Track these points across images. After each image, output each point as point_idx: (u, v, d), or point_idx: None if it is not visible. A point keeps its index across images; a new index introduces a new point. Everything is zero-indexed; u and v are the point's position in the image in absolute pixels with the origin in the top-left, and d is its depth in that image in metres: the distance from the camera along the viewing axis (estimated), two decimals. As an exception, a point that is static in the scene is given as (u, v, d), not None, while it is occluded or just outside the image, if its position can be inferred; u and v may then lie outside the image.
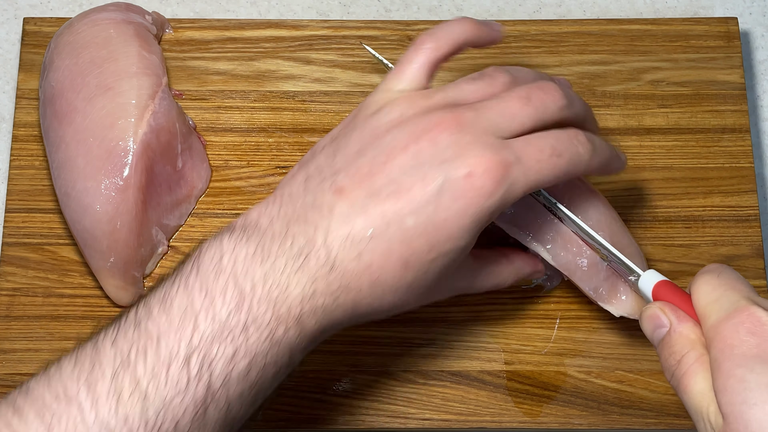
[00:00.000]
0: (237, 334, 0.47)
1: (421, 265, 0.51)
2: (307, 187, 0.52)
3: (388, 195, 0.50)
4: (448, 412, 0.65)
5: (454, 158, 0.50)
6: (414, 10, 0.77)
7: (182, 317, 0.47)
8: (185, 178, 0.68)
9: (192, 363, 0.46)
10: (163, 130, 0.65)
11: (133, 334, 0.47)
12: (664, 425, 0.64)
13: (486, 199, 0.50)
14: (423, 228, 0.50)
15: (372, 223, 0.49)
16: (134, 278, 0.66)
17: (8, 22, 0.77)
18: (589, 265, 0.60)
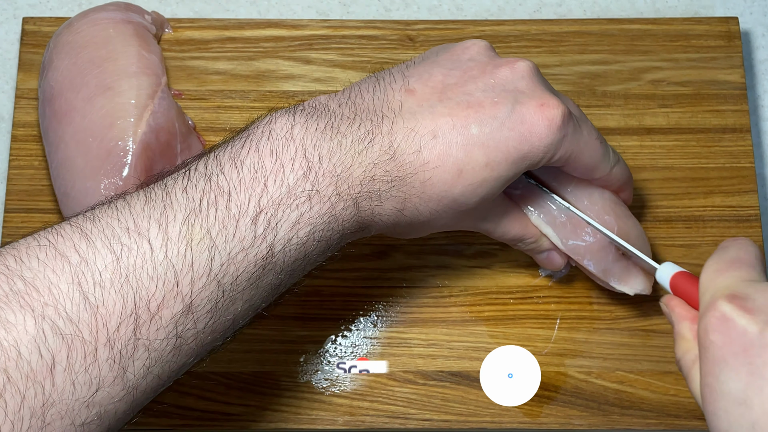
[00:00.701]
0: (302, 201, 0.48)
1: (473, 178, 0.52)
2: (378, 86, 0.53)
3: (459, 103, 0.52)
4: (448, 413, 0.64)
5: (529, 90, 0.53)
6: (414, 10, 0.77)
7: (253, 177, 0.48)
8: (185, 178, 0.68)
9: (259, 222, 0.47)
10: (162, 129, 0.65)
11: (205, 186, 0.47)
12: (665, 426, 0.64)
13: (548, 131, 0.52)
14: (485, 139, 0.51)
15: (437, 123, 0.51)
16: None
17: (7, 22, 0.77)
18: (599, 248, 0.60)
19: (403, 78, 0.54)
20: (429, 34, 0.73)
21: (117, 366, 0.43)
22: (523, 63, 0.54)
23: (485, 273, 0.67)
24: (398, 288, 0.66)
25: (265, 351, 0.65)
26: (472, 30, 0.73)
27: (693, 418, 0.64)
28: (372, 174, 0.50)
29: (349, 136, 0.50)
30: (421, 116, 0.51)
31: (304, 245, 0.49)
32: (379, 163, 0.50)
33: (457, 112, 0.52)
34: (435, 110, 0.52)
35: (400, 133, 0.51)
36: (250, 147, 0.49)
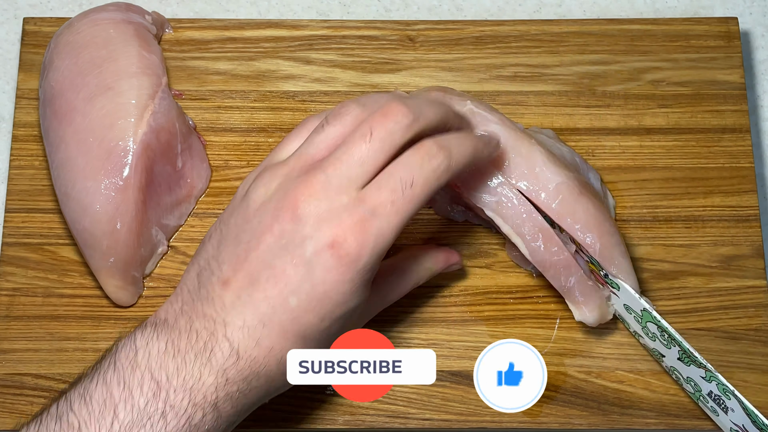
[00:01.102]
0: (156, 420, 0.50)
1: (319, 334, 0.53)
2: (200, 282, 0.54)
3: (267, 279, 0.52)
4: (448, 412, 0.65)
5: (314, 232, 0.52)
6: (414, 10, 0.77)
7: (102, 408, 0.50)
8: (185, 178, 0.68)
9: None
10: (162, 130, 0.65)
11: (55, 426, 0.50)
12: (664, 425, 0.64)
13: (356, 262, 0.52)
14: (307, 304, 0.52)
15: (259, 311, 0.52)
16: (134, 278, 0.66)
17: (8, 22, 0.77)
18: (564, 265, 0.61)
19: (218, 267, 0.54)
20: (429, 35, 0.73)
21: None
22: (300, 206, 0.52)
23: (485, 273, 0.67)
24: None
25: (265, 351, 0.65)
26: (472, 30, 0.73)
27: (693, 418, 0.64)
28: (225, 379, 0.51)
29: (191, 352, 0.51)
30: (244, 308, 0.52)
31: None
32: (227, 367, 0.51)
33: (270, 293, 0.52)
34: (253, 297, 0.52)
35: (235, 333, 0.52)
36: (98, 380, 0.51)
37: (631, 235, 0.68)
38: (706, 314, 0.67)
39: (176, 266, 0.68)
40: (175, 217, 0.68)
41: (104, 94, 0.65)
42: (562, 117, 0.71)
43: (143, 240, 0.65)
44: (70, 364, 0.65)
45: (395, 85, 0.71)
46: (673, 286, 0.67)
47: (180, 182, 0.68)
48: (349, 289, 0.52)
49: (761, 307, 0.66)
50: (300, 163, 0.54)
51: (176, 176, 0.67)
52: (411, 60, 0.72)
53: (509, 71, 0.72)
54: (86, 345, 0.66)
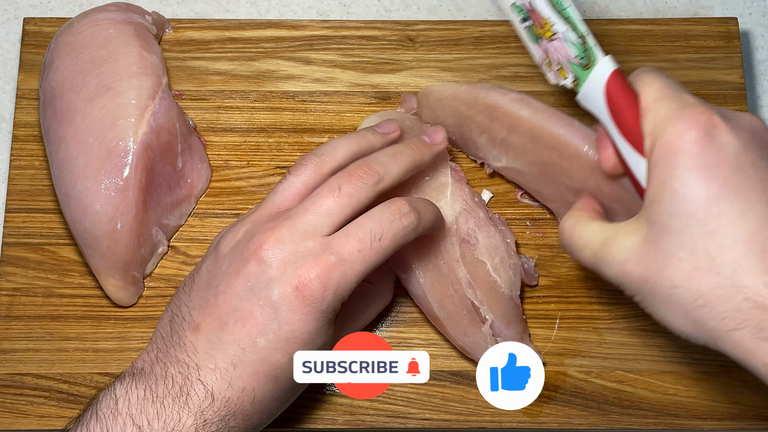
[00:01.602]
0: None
1: (288, 373, 0.55)
2: (173, 328, 0.56)
3: (236, 322, 0.54)
4: (448, 412, 0.65)
5: (280, 275, 0.54)
6: (414, 11, 0.78)
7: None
8: (185, 178, 0.68)
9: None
10: (163, 130, 0.65)
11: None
12: (664, 425, 0.65)
13: (320, 303, 0.54)
14: (275, 344, 0.54)
15: (230, 353, 0.54)
16: (134, 278, 0.66)
17: (8, 22, 0.77)
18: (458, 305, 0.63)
19: (189, 312, 0.56)
20: (429, 35, 0.73)
21: None
22: (266, 251, 0.54)
23: (485, 273, 0.67)
24: (398, 288, 0.66)
25: (265, 350, 0.65)
26: (471, 30, 0.73)
27: (692, 418, 0.65)
28: (203, 420, 0.53)
29: (168, 396, 0.53)
30: (215, 351, 0.54)
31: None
32: (204, 408, 0.53)
33: (239, 334, 0.54)
34: (222, 340, 0.54)
35: (208, 375, 0.53)
36: (81, 430, 0.53)
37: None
38: (705, 314, 0.67)
39: (176, 266, 0.68)
40: (176, 217, 0.68)
41: (104, 94, 0.65)
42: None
43: (143, 240, 0.65)
44: (70, 364, 0.65)
45: (395, 85, 0.71)
46: (672, 286, 0.67)
47: (180, 182, 0.68)
48: (314, 329, 0.54)
49: (761, 307, 0.66)
50: (266, 211, 0.57)
51: (176, 176, 0.67)
52: (411, 60, 0.72)
53: (509, 71, 0.72)
54: (86, 345, 0.66)
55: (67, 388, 0.65)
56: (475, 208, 0.65)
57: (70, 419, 0.57)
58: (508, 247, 0.64)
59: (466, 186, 0.65)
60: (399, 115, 0.68)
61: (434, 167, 0.65)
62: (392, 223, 0.56)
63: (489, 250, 0.64)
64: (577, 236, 0.55)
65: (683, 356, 0.66)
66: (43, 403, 0.64)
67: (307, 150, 0.69)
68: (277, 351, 0.54)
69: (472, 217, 0.64)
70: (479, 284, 0.63)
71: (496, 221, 0.65)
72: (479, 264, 0.63)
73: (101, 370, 0.65)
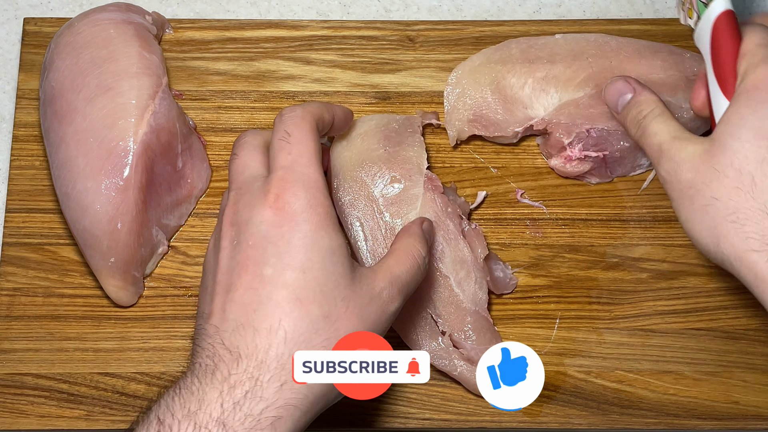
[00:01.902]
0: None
1: (310, 292, 0.52)
2: (195, 339, 0.54)
3: (238, 275, 0.53)
4: (448, 412, 0.65)
5: (250, 211, 0.55)
6: (414, 11, 0.78)
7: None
8: (185, 178, 0.68)
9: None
10: (163, 130, 0.65)
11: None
12: (664, 425, 0.65)
13: (299, 209, 0.54)
14: (281, 264, 0.53)
15: (245, 303, 0.53)
16: (134, 278, 0.66)
17: (8, 23, 0.77)
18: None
19: (201, 314, 0.55)
20: (429, 35, 0.73)
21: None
22: (228, 208, 0.56)
23: (485, 273, 0.67)
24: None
25: (265, 350, 0.65)
26: (471, 30, 0.73)
27: (692, 418, 0.65)
28: (230, 385, 0.50)
29: (202, 378, 0.51)
30: (231, 314, 0.52)
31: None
32: (232, 373, 0.51)
33: (245, 282, 0.53)
34: (233, 299, 0.53)
35: (230, 338, 0.52)
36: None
37: (631, 235, 0.68)
38: (705, 314, 0.67)
39: (176, 266, 0.68)
40: (176, 217, 0.68)
41: (105, 94, 0.65)
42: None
43: (143, 240, 0.65)
44: (71, 364, 0.65)
45: (395, 85, 0.71)
46: (672, 286, 0.67)
47: (180, 182, 0.68)
48: (308, 230, 0.53)
49: (761, 307, 0.66)
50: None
51: (176, 176, 0.67)
52: (411, 60, 0.72)
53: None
54: (86, 345, 0.66)
55: (68, 388, 0.65)
56: (445, 220, 0.64)
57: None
58: (475, 261, 0.64)
59: (439, 196, 0.65)
60: (388, 117, 0.68)
61: (408, 177, 0.65)
62: (291, 119, 0.58)
63: (454, 264, 0.64)
64: (656, 122, 0.58)
65: (683, 356, 0.66)
66: (43, 403, 0.65)
67: (307, 150, 0.70)
68: (285, 269, 0.52)
69: (440, 230, 0.64)
70: (440, 298, 0.63)
71: (470, 233, 0.65)
72: (442, 278, 0.63)
73: (101, 370, 0.65)
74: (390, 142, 0.66)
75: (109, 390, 0.65)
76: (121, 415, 0.64)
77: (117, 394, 0.65)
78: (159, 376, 0.65)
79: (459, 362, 0.63)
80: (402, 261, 0.57)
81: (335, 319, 0.52)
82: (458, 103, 0.68)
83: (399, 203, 0.64)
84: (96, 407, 0.64)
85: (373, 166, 0.65)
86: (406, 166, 0.65)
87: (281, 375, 0.51)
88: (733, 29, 0.58)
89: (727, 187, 0.53)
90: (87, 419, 0.64)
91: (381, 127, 0.67)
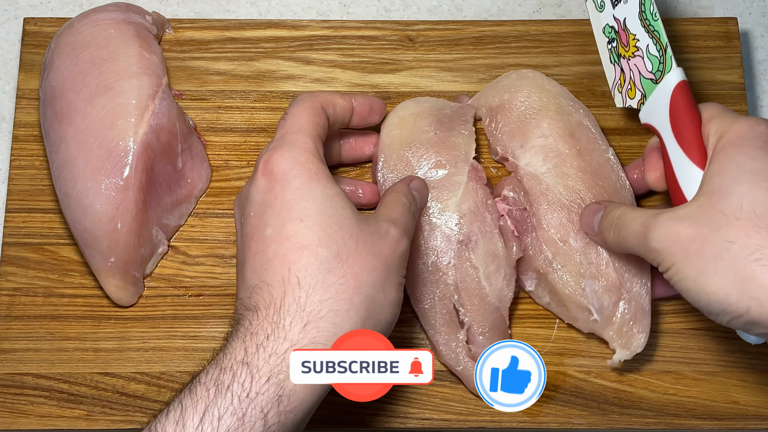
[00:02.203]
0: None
1: (314, 240, 0.54)
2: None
3: (248, 247, 0.56)
4: (448, 412, 0.65)
5: (246, 186, 0.59)
6: (414, 11, 0.78)
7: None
8: (185, 178, 0.68)
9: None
10: (163, 130, 0.65)
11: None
12: (664, 425, 0.65)
13: (287, 169, 0.56)
14: (279, 221, 0.55)
15: (255, 267, 0.55)
16: (134, 278, 0.66)
17: (8, 23, 0.77)
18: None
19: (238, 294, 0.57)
20: (429, 35, 0.73)
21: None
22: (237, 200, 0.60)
23: (485, 273, 0.67)
24: (398, 288, 0.67)
25: (265, 350, 0.65)
26: (471, 30, 0.73)
27: (692, 418, 0.65)
28: (245, 348, 0.52)
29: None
30: (245, 281, 0.55)
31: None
32: (245, 337, 0.53)
33: (253, 249, 0.55)
34: (245, 266, 0.55)
35: (244, 301, 0.54)
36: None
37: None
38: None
39: (176, 266, 0.68)
40: (176, 217, 0.68)
41: (105, 94, 0.65)
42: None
43: (143, 240, 0.65)
44: (71, 364, 0.65)
45: (395, 85, 0.71)
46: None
47: (180, 182, 0.68)
48: (298, 186, 0.55)
49: (761, 306, 0.66)
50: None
51: (176, 176, 0.67)
52: (411, 60, 0.72)
53: (509, 71, 0.72)
54: (86, 345, 0.66)
55: (68, 387, 0.65)
56: (483, 211, 0.64)
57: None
58: (508, 258, 0.64)
59: (482, 187, 0.65)
60: (443, 102, 0.69)
61: (453, 163, 0.65)
62: (294, 101, 0.60)
63: (486, 257, 0.64)
64: (631, 214, 0.57)
65: (683, 356, 0.66)
66: (44, 403, 0.65)
67: (307, 150, 0.70)
68: (284, 224, 0.54)
69: (477, 220, 0.64)
70: (466, 288, 0.63)
71: (506, 229, 0.65)
72: (472, 268, 0.63)
73: (101, 370, 0.65)
74: (441, 126, 0.66)
75: (109, 390, 0.65)
76: (121, 415, 0.64)
77: (117, 394, 0.65)
78: (159, 376, 0.65)
79: (465, 359, 0.63)
80: (393, 209, 0.59)
81: (347, 257, 0.53)
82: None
83: (440, 188, 0.65)
84: (96, 407, 0.64)
85: (420, 147, 0.66)
86: (453, 153, 0.66)
87: (302, 316, 0.52)
88: (690, 98, 0.59)
89: (742, 228, 0.50)
90: (87, 419, 0.64)
91: (434, 110, 0.68)
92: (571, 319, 0.64)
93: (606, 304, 0.62)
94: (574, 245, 0.63)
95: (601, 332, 0.63)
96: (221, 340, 0.54)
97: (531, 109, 0.67)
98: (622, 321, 0.62)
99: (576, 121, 0.66)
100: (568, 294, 0.63)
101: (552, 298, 0.65)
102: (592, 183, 0.64)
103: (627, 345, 0.62)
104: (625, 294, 0.62)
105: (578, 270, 0.63)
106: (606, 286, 0.62)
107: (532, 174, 0.65)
